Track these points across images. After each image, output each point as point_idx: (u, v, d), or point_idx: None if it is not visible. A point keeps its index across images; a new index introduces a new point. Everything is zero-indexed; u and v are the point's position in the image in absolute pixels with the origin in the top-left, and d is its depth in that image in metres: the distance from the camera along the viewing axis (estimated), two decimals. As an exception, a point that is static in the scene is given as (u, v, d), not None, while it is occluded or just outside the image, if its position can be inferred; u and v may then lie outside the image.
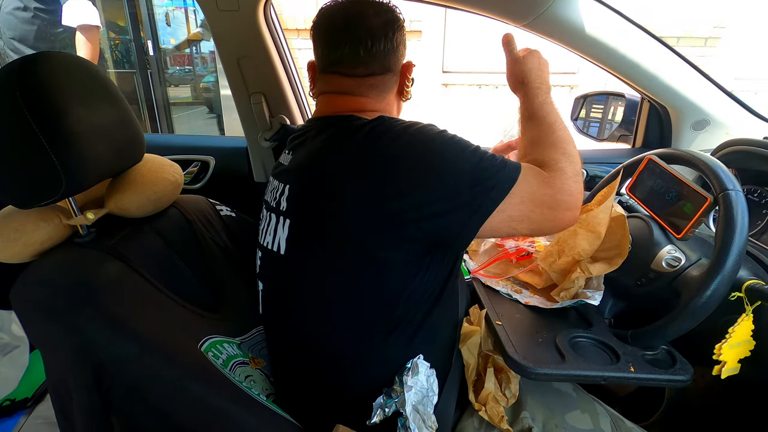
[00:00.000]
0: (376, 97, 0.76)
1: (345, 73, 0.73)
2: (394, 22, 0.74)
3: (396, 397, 0.65)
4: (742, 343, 0.65)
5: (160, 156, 0.86)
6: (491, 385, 0.71)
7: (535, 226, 0.65)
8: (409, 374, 0.65)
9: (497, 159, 0.64)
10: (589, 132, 1.48)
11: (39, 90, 0.60)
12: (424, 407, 0.64)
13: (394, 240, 0.63)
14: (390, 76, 0.76)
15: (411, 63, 0.79)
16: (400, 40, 0.75)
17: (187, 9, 5.26)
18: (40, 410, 1.26)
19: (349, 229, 0.64)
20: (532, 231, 0.67)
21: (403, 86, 0.79)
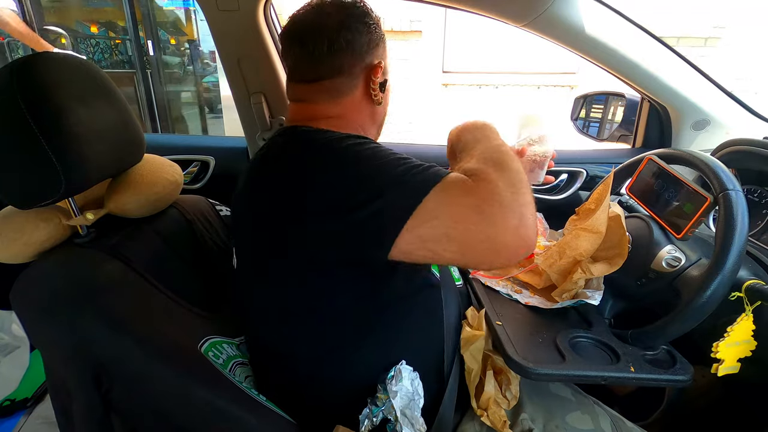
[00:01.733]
0: (329, 101, 0.72)
1: (298, 80, 0.72)
2: (350, 20, 0.70)
3: (382, 405, 0.64)
4: (742, 343, 0.65)
5: (159, 156, 0.86)
6: (491, 388, 0.70)
7: (460, 249, 0.52)
8: (393, 381, 0.65)
9: (408, 166, 0.56)
10: (589, 132, 1.48)
11: (38, 90, 0.60)
12: (412, 411, 0.64)
13: (314, 262, 0.60)
14: (343, 78, 0.71)
15: (378, 64, 0.73)
16: (357, 39, 0.70)
17: (187, 9, 5.26)
18: (40, 410, 1.26)
19: (277, 251, 0.62)
20: (461, 256, 0.53)
21: (368, 89, 0.73)
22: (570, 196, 1.32)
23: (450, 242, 0.52)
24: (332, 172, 0.57)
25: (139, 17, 4.50)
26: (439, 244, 0.52)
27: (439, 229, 0.52)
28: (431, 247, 0.53)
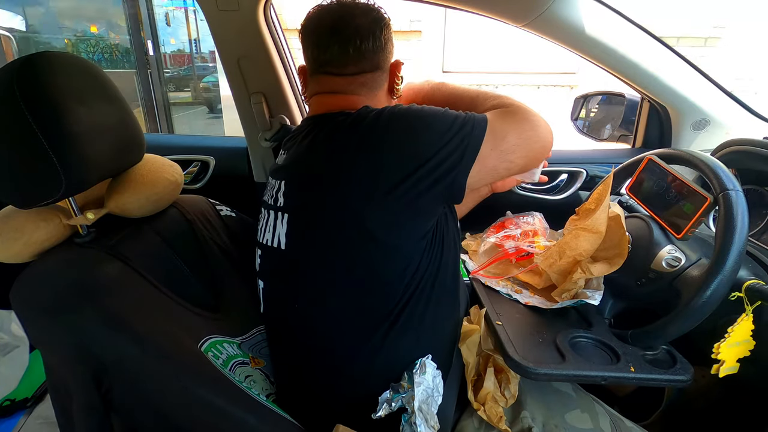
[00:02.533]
0: (367, 94, 0.77)
1: (335, 73, 0.75)
2: (381, 20, 0.75)
3: (403, 393, 0.65)
4: (742, 343, 0.65)
5: (160, 156, 0.86)
6: (491, 385, 0.71)
7: (526, 153, 0.70)
8: (417, 371, 0.65)
9: (466, 113, 0.69)
10: (589, 132, 1.48)
11: (39, 89, 0.60)
12: (428, 407, 0.64)
13: (396, 215, 0.65)
14: (380, 73, 0.77)
15: (399, 61, 0.80)
16: (388, 38, 0.77)
17: (187, 9, 5.26)
18: (40, 410, 1.26)
19: (350, 213, 0.65)
20: (527, 160, 0.72)
21: (393, 84, 0.80)
22: (570, 196, 1.32)
23: (519, 149, 0.69)
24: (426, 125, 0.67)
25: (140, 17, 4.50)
26: (512, 154, 0.69)
27: (510, 141, 0.68)
28: (507, 157, 0.69)
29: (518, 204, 1.17)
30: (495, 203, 1.05)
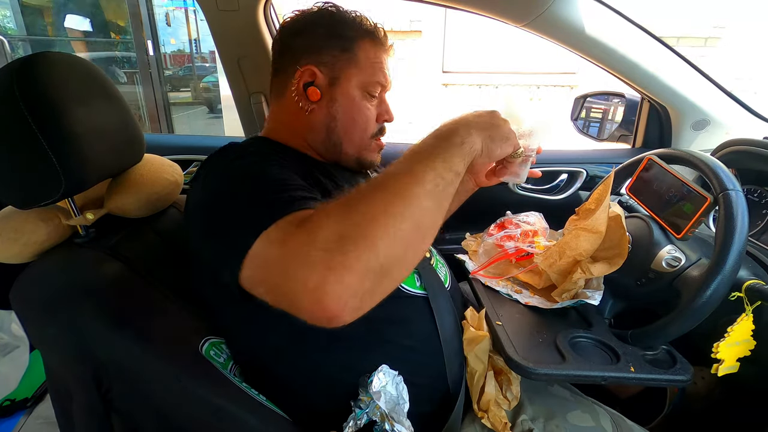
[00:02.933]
0: (275, 102, 0.80)
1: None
2: (288, 21, 0.77)
3: (365, 407, 0.63)
4: (742, 343, 0.65)
5: (159, 156, 0.86)
6: (492, 389, 0.70)
7: (275, 298, 0.49)
8: (372, 384, 0.63)
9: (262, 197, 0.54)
10: (589, 132, 1.48)
11: (38, 90, 0.60)
12: (398, 415, 0.62)
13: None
14: (282, 77, 0.77)
15: (308, 68, 0.73)
16: (292, 41, 0.76)
17: (187, 9, 5.26)
18: (40, 410, 1.26)
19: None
20: (278, 304, 0.49)
21: (291, 92, 0.75)
22: (570, 196, 1.32)
23: (268, 290, 0.50)
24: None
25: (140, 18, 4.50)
26: (261, 286, 0.51)
27: (261, 271, 0.50)
28: (260, 290, 0.51)
29: (518, 204, 1.17)
30: (495, 203, 1.05)
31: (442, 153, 0.53)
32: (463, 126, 0.58)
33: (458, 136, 0.56)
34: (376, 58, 0.76)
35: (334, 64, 0.74)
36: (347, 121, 0.76)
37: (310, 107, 0.75)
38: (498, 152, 0.62)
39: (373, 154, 0.82)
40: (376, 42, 0.77)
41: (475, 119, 0.60)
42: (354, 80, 0.75)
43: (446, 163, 0.53)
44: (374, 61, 0.76)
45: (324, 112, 0.76)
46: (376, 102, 0.79)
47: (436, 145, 0.55)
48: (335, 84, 0.75)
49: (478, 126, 0.59)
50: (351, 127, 0.77)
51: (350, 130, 0.77)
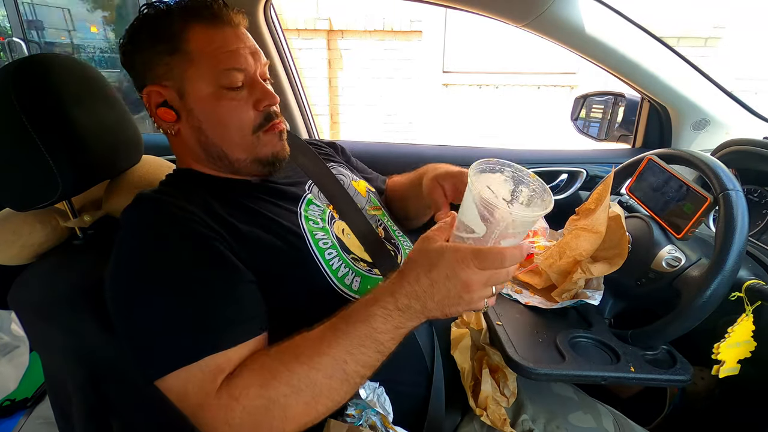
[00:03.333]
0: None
1: None
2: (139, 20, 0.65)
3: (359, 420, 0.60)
4: (742, 344, 0.65)
5: (157, 157, 0.86)
6: (488, 387, 0.70)
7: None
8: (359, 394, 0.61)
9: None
10: (589, 132, 1.48)
11: (35, 92, 0.60)
12: (385, 429, 0.61)
13: None
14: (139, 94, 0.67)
15: (149, 89, 0.65)
16: (131, 63, 0.66)
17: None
18: (40, 410, 1.26)
19: None
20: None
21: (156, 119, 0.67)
22: (570, 196, 1.32)
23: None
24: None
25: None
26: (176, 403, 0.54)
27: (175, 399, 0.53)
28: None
29: (518, 204, 1.17)
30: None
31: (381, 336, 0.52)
32: (420, 302, 0.51)
33: (410, 319, 0.52)
34: (214, 42, 0.64)
35: (172, 72, 0.64)
36: (215, 127, 0.67)
37: (174, 129, 0.68)
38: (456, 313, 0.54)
39: (271, 146, 0.70)
40: (210, 23, 0.64)
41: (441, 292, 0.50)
42: (199, 81, 0.64)
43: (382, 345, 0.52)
44: (214, 47, 0.64)
45: (188, 129, 0.68)
46: (243, 92, 0.66)
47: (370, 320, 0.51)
48: (184, 93, 0.65)
49: (440, 304, 0.51)
50: (222, 131, 0.67)
51: (224, 136, 0.67)
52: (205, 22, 0.64)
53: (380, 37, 4.12)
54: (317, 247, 0.67)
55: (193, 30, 0.63)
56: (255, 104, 0.67)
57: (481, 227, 0.51)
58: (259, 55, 0.68)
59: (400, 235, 0.85)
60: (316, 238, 0.69)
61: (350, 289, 0.67)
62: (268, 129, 0.69)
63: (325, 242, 0.69)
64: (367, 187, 0.89)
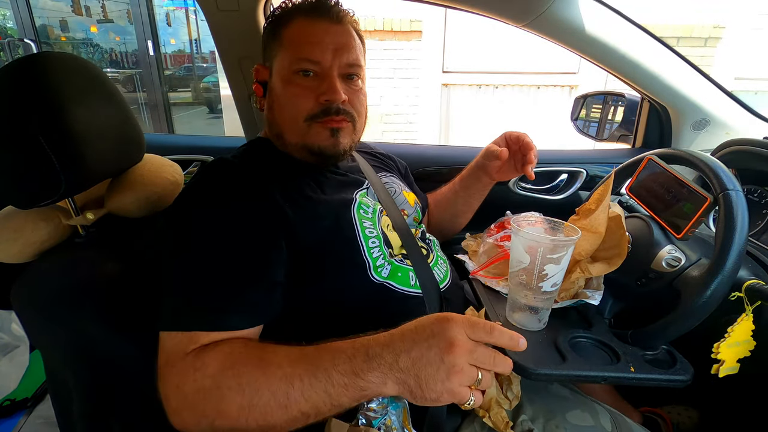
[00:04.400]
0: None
1: None
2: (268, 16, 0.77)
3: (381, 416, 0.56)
4: (742, 343, 0.65)
5: (160, 156, 0.86)
6: (493, 389, 0.70)
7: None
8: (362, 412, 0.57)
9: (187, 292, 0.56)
10: (589, 132, 1.48)
11: (38, 90, 0.60)
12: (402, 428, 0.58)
13: None
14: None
15: (256, 67, 0.79)
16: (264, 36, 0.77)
17: (187, 9, 5.26)
18: (40, 410, 1.26)
19: None
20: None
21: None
22: (570, 196, 1.32)
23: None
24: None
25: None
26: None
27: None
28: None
29: (518, 204, 1.17)
30: (495, 203, 1.05)
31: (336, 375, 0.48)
32: (393, 354, 0.48)
33: (373, 369, 0.48)
34: (306, 33, 0.71)
35: (271, 56, 0.75)
36: (279, 107, 0.74)
37: (262, 103, 0.79)
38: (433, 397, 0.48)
39: (320, 138, 0.73)
40: (311, 16, 0.72)
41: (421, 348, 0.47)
42: (280, 63, 0.73)
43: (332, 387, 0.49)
44: (304, 37, 0.71)
45: (268, 106, 0.77)
46: (311, 81, 0.72)
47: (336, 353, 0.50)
48: (272, 74, 0.75)
49: (415, 363, 0.47)
50: (283, 112, 0.74)
51: (283, 117, 0.74)
52: (306, 13, 0.72)
53: (380, 37, 4.12)
54: (363, 234, 0.72)
55: (294, 21, 0.72)
56: (318, 95, 0.71)
57: (526, 257, 0.66)
58: (345, 53, 0.72)
59: (434, 240, 0.92)
60: (364, 226, 0.73)
61: (380, 276, 0.71)
62: (321, 122, 0.73)
63: (371, 231, 0.74)
64: (415, 199, 0.95)
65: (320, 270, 0.66)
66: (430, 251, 0.84)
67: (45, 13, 4.85)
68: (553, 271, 0.66)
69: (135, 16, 4.59)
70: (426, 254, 0.82)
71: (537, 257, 0.66)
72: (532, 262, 0.66)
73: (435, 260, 0.82)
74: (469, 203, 1.03)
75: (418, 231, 0.87)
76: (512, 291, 0.73)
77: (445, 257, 0.88)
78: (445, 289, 0.80)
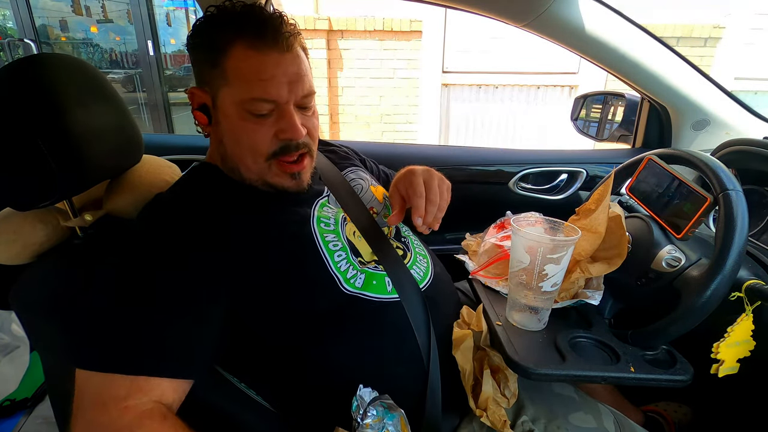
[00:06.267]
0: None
1: None
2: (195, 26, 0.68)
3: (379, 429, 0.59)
4: (742, 343, 0.65)
5: (158, 157, 0.86)
6: (489, 388, 0.70)
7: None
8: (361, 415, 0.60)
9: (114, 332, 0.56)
10: (589, 132, 1.48)
11: (36, 91, 0.60)
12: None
13: None
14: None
15: (191, 90, 0.69)
16: (192, 57, 0.69)
17: (187, 9, 5.26)
18: (40, 410, 1.26)
19: None
20: None
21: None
22: (570, 196, 1.32)
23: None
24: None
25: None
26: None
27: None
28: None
29: (518, 204, 1.17)
30: (495, 203, 1.05)
31: None
32: None
33: None
34: (250, 67, 0.63)
35: (211, 82, 0.66)
36: (232, 142, 0.69)
37: (205, 131, 0.72)
38: None
39: (282, 179, 0.71)
40: (253, 43, 0.62)
41: None
42: (228, 99, 0.65)
43: None
44: (253, 73, 0.63)
45: (215, 136, 0.71)
46: (266, 118, 0.66)
47: None
48: (216, 105, 0.67)
49: None
50: (238, 150, 0.69)
51: (239, 154, 0.69)
52: (249, 41, 0.62)
53: (380, 37, 4.11)
54: (327, 249, 0.69)
55: (235, 48, 0.63)
56: (277, 132, 0.67)
57: (526, 257, 0.66)
58: (299, 84, 0.66)
59: (411, 236, 0.87)
60: (326, 240, 0.71)
61: (353, 286, 0.69)
62: (281, 162, 0.69)
63: (335, 244, 0.71)
64: (384, 193, 0.90)
65: (285, 292, 0.64)
66: (407, 250, 0.81)
67: (45, 13, 4.85)
68: (553, 271, 0.66)
69: (135, 16, 4.59)
70: (403, 254, 0.79)
71: (537, 257, 0.66)
72: (532, 262, 0.66)
73: (413, 259, 0.80)
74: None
75: (391, 229, 0.83)
76: (512, 291, 0.73)
77: (425, 252, 0.85)
78: (427, 287, 0.77)
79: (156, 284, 0.59)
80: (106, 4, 4.93)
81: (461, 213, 0.95)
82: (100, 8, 4.95)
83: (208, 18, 0.66)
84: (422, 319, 0.71)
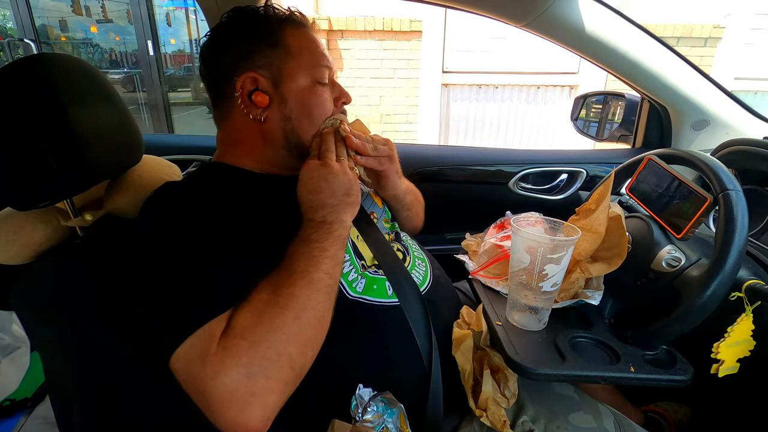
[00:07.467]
0: (222, 128, 0.77)
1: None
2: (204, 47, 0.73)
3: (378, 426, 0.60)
4: (742, 343, 0.65)
5: (158, 157, 0.86)
6: (489, 388, 0.70)
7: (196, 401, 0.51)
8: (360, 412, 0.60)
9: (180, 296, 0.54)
10: (589, 132, 1.48)
11: (36, 91, 0.60)
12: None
13: None
14: (223, 103, 0.73)
15: (247, 75, 0.69)
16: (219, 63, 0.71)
17: (187, 9, 5.26)
18: (40, 410, 1.26)
19: None
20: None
21: (244, 107, 0.70)
22: (570, 196, 1.32)
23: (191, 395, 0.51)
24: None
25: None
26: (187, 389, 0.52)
27: (183, 378, 0.52)
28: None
29: (518, 204, 1.17)
30: (495, 203, 1.05)
31: (329, 248, 0.59)
32: (330, 212, 0.62)
33: (332, 224, 0.61)
34: (311, 41, 0.72)
35: (271, 63, 0.70)
36: (304, 117, 0.71)
37: (263, 115, 0.71)
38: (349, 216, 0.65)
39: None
40: (298, 25, 0.73)
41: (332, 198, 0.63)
42: (298, 72, 0.70)
43: (333, 259, 0.59)
44: (312, 44, 0.72)
45: (277, 116, 0.71)
46: (327, 88, 0.74)
47: (320, 240, 0.59)
48: (280, 83, 0.70)
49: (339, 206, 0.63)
50: (308, 122, 0.72)
51: (308, 126, 0.72)
52: (295, 23, 0.72)
53: (380, 37, 4.11)
54: None
55: (287, 30, 0.71)
56: (335, 100, 0.75)
57: (526, 257, 0.67)
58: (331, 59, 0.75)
59: (409, 240, 0.88)
60: None
61: (355, 291, 0.69)
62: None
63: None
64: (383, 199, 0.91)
65: None
66: (406, 253, 0.81)
67: (45, 13, 4.85)
68: (553, 271, 0.66)
69: (135, 16, 4.59)
70: (403, 257, 0.79)
71: (537, 257, 0.66)
72: (532, 262, 0.66)
73: (412, 262, 0.80)
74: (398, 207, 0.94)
75: (391, 234, 0.84)
76: (512, 291, 0.73)
77: (424, 256, 0.85)
78: (426, 290, 0.77)
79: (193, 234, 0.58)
80: (105, 4, 4.93)
81: (461, 213, 0.95)
82: (100, 8, 4.96)
83: (241, 14, 0.72)
84: (423, 323, 0.71)
